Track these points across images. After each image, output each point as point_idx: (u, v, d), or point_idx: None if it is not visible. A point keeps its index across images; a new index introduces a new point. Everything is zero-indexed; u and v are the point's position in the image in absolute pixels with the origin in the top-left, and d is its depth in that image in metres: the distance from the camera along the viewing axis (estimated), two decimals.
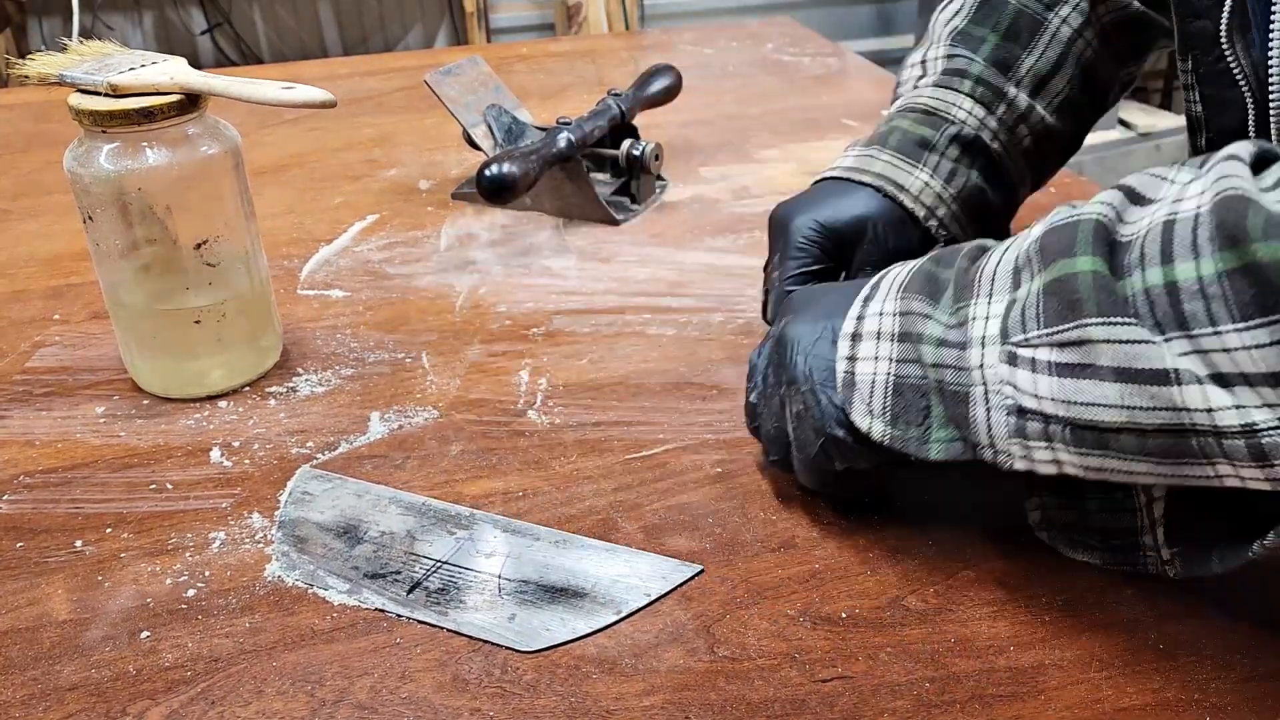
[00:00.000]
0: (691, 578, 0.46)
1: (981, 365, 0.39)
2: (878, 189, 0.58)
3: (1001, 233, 0.62)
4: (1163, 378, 0.34)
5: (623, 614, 0.44)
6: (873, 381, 0.43)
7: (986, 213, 0.61)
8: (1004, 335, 0.39)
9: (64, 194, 0.91)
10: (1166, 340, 0.34)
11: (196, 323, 0.58)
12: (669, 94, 0.89)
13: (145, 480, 0.54)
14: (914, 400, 0.42)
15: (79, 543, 0.49)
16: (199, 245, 0.57)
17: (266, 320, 0.62)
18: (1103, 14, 0.61)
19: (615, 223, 0.82)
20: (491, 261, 0.77)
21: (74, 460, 0.55)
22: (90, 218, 0.56)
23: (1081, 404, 0.36)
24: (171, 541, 0.49)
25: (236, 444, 0.56)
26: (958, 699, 0.40)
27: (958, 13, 0.62)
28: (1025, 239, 0.41)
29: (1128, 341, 0.35)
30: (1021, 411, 0.38)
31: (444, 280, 0.74)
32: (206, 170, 0.56)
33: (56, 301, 0.73)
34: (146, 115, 0.53)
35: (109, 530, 0.50)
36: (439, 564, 0.47)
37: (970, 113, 0.59)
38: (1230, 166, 0.34)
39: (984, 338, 0.39)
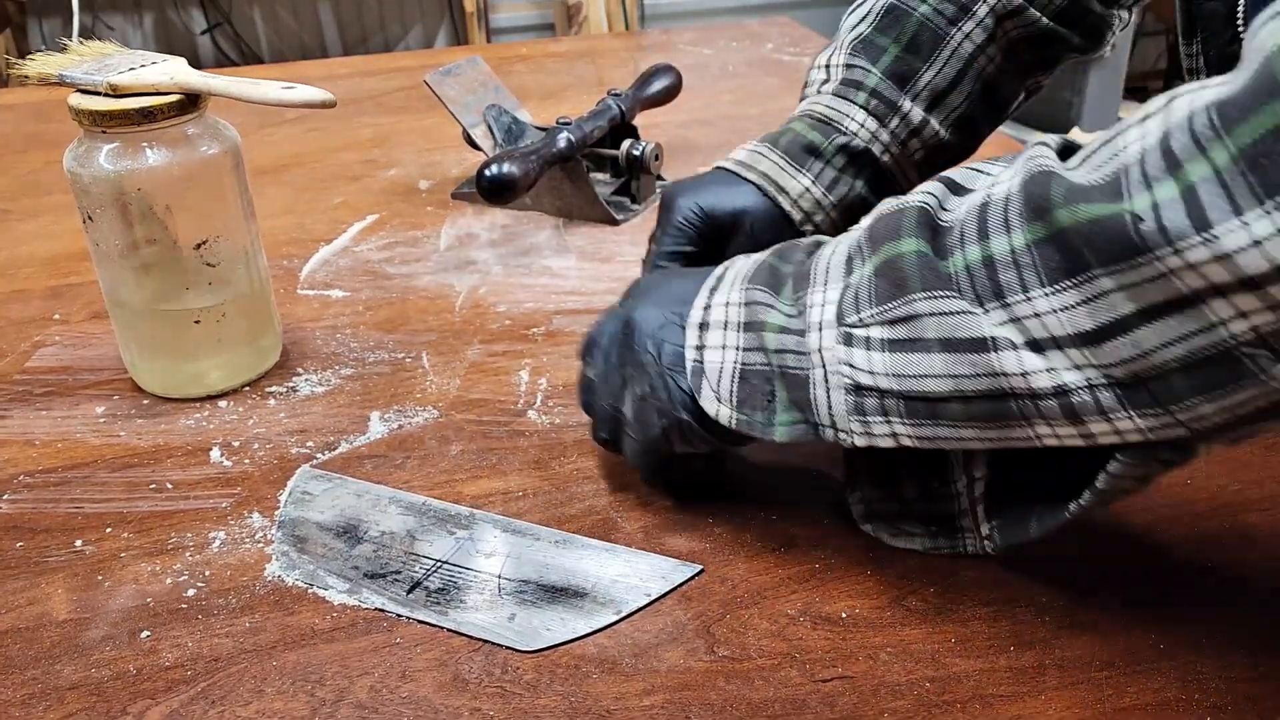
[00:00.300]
0: (691, 577, 0.46)
1: (820, 348, 0.41)
2: (760, 187, 0.59)
3: None
4: (982, 345, 0.36)
5: (623, 614, 0.44)
6: (720, 369, 0.44)
7: None
8: (839, 318, 0.41)
9: (64, 194, 0.91)
10: (985, 311, 0.36)
11: (196, 323, 0.58)
12: (669, 94, 0.89)
13: (145, 480, 0.54)
14: (759, 385, 0.43)
15: (79, 542, 0.49)
16: (199, 245, 0.57)
17: (266, 320, 0.62)
18: (1010, 29, 0.61)
19: (615, 223, 0.82)
20: (491, 261, 0.77)
21: (74, 460, 0.55)
22: (90, 218, 0.56)
23: (912, 376, 0.38)
24: (171, 541, 0.49)
25: (236, 444, 0.56)
26: (958, 699, 0.40)
27: (864, 19, 0.62)
28: (856, 230, 0.43)
29: (950, 314, 0.37)
30: (859, 389, 0.40)
31: (444, 280, 0.74)
32: (206, 170, 0.56)
33: (56, 301, 0.73)
34: (146, 115, 0.53)
35: (109, 530, 0.50)
36: (439, 564, 0.47)
37: (863, 125, 0.60)
38: (1037, 150, 0.37)
39: (821, 322, 0.41)
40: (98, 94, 0.54)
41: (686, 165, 0.93)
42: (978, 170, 0.41)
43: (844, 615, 0.44)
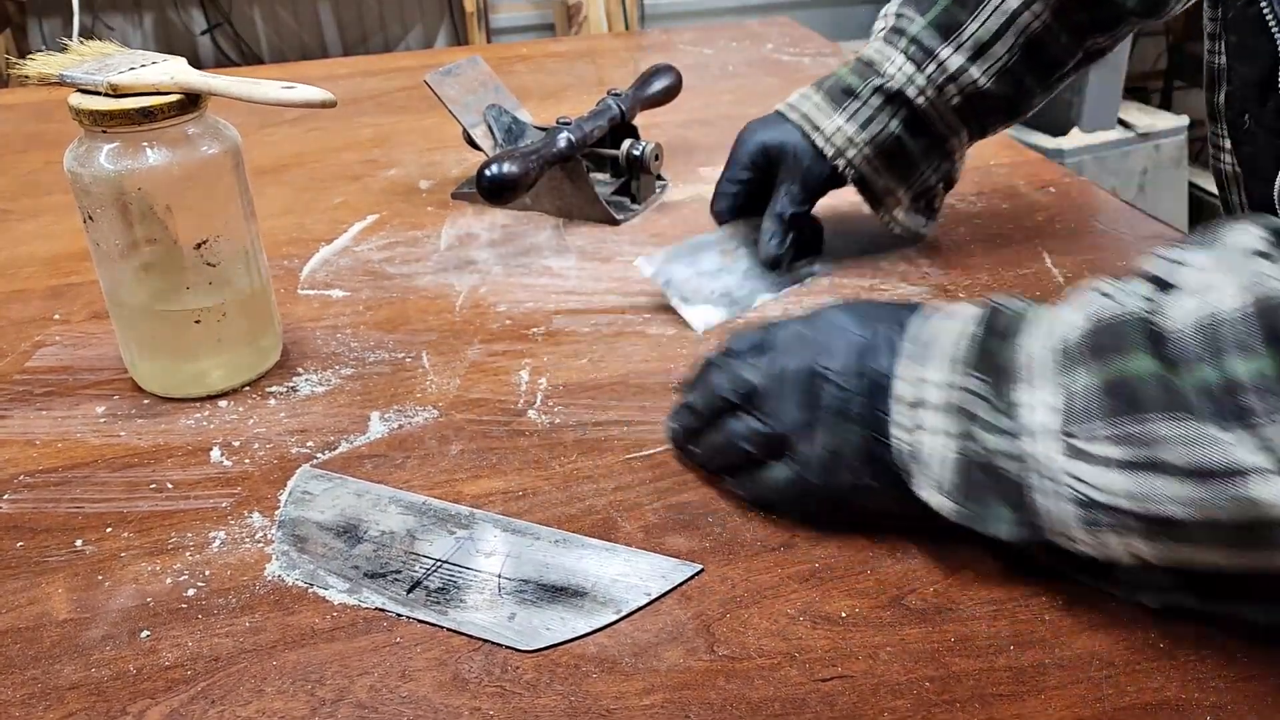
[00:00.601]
0: (691, 577, 0.46)
1: (1040, 455, 0.40)
2: (799, 127, 0.68)
3: (931, 175, 0.70)
4: (1232, 472, 0.35)
5: (623, 613, 0.44)
6: (937, 457, 0.43)
7: (905, 158, 0.68)
8: (1063, 428, 0.39)
9: (64, 194, 0.91)
10: (1231, 436, 0.35)
11: (197, 322, 0.58)
12: (669, 94, 0.89)
13: (145, 480, 0.54)
14: (978, 479, 0.41)
15: (79, 542, 0.49)
16: (199, 245, 0.57)
17: (267, 320, 0.62)
18: None
19: (615, 222, 0.82)
20: (491, 261, 0.77)
21: (74, 460, 0.55)
22: (90, 217, 0.56)
23: (1153, 500, 0.37)
24: (171, 541, 0.49)
25: (237, 443, 0.56)
26: (958, 698, 0.40)
27: None
28: (1058, 323, 0.42)
29: (1193, 439, 0.36)
30: (1090, 504, 0.39)
31: (444, 280, 0.74)
32: (207, 170, 0.56)
33: (56, 301, 0.73)
34: (146, 115, 0.53)
35: (109, 530, 0.50)
36: (439, 563, 0.47)
37: (900, 69, 0.66)
38: (1253, 264, 0.36)
39: (1039, 427, 0.40)
40: (98, 94, 0.54)
41: (686, 165, 0.93)
42: (1175, 261, 0.40)
43: (844, 615, 0.44)
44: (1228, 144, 0.62)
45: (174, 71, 0.55)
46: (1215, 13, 0.57)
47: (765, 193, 0.70)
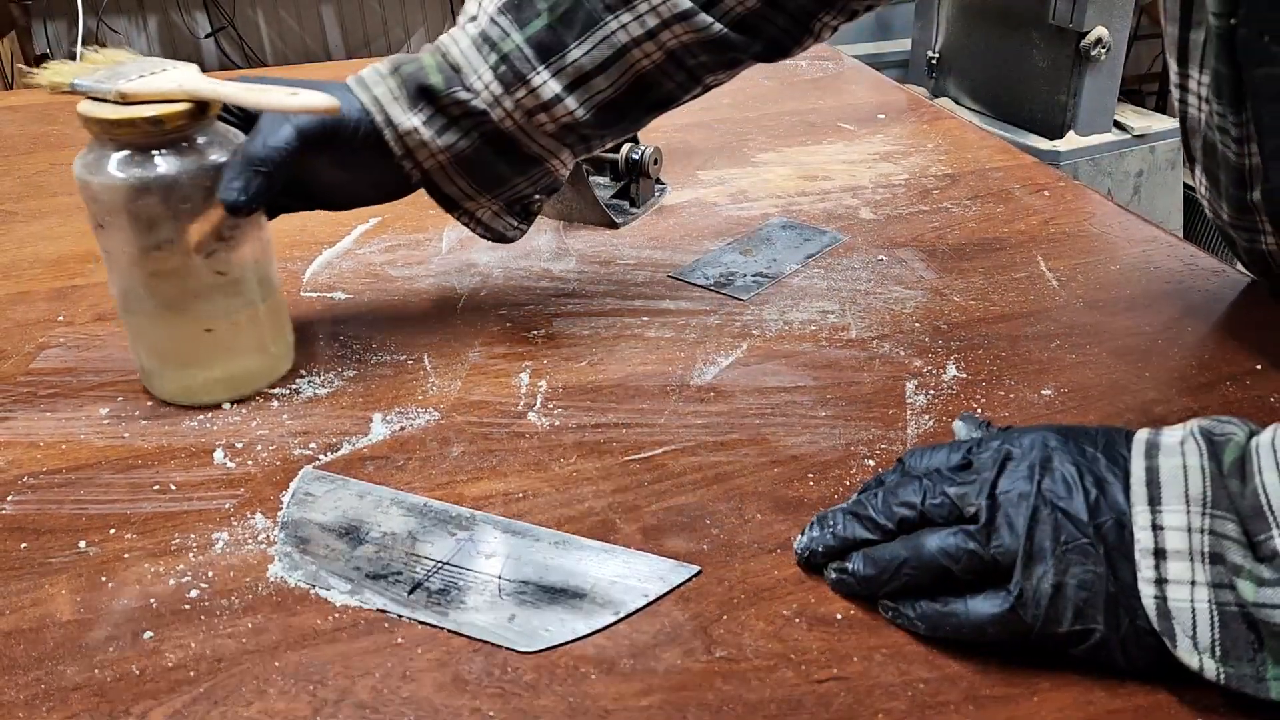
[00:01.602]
0: (689, 579, 0.47)
1: None
2: (370, 113, 0.59)
3: (525, 188, 0.63)
4: None
5: (621, 615, 0.45)
6: (1193, 612, 0.38)
7: (490, 172, 0.61)
8: None
9: (68, 196, 0.91)
10: None
11: (208, 331, 0.58)
12: None
13: (149, 481, 0.54)
14: (1240, 632, 0.38)
15: (83, 543, 0.50)
16: (209, 254, 0.57)
17: (278, 328, 0.62)
18: (678, 33, 0.59)
19: (615, 226, 0.82)
20: (492, 264, 0.77)
21: (78, 461, 0.56)
22: (101, 225, 0.56)
23: None
24: (175, 542, 0.50)
25: (240, 445, 0.57)
26: (952, 700, 0.40)
27: None
28: None
29: None
30: None
31: (445, 282, 0.74)
32: (216, 178, 0.56)
33: (61, 303, 0.73)
34: (155, 123, 0.53)
35: (112, 531, 0.50)
36: (440, 565, 0.48)
37: (488, 87, 0.59)
38: None
39: None
40: (108, 101, 0.54)
41: (685, 169, 0.93)
42: None
43: (839, 617, 0.44)
44: (1269, 228, 0.60)
45: (183, 79, 0.55)
46: (1240, 117, 0.55)
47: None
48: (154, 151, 0.54)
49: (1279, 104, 0.52)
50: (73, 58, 0.58)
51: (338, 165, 0.59)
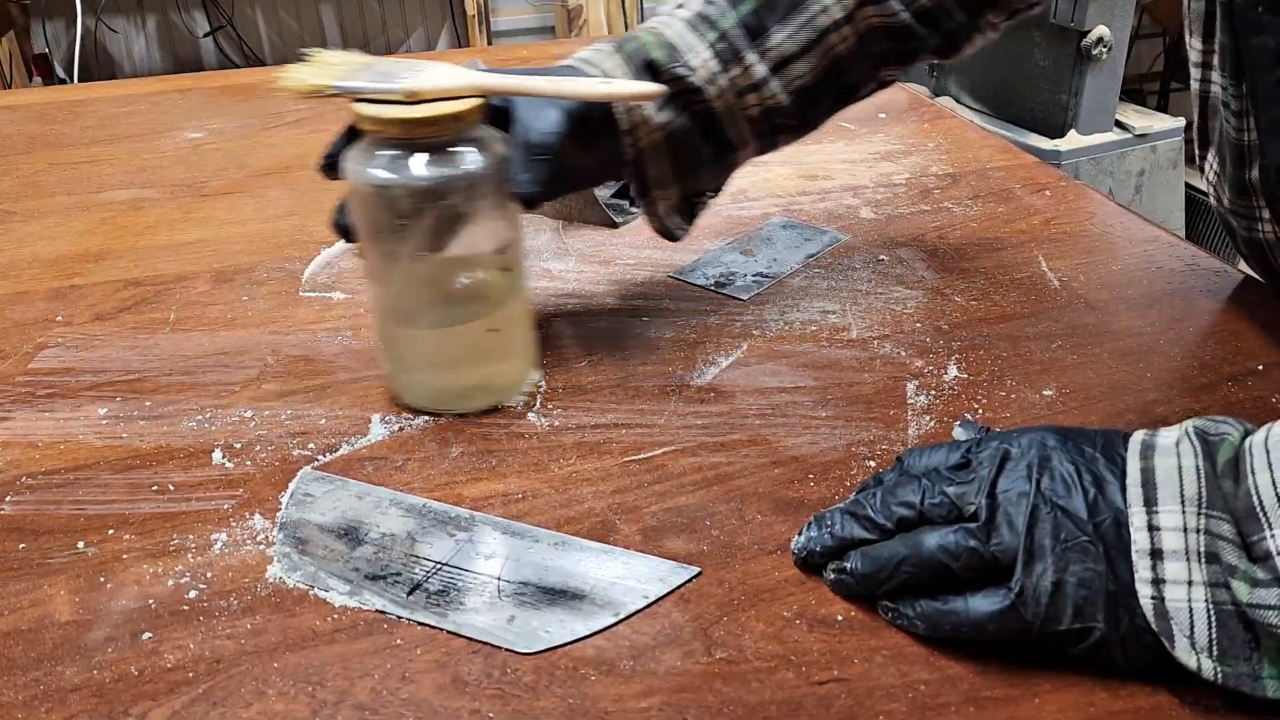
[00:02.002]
0: (689, 580, 0.46)
1: None
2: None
3: (707, 181, 0.63)
4: None
5: (621, 616, 0.45)
6: (1190, 612, 0.39)
7: (692, 156, 0.61)
8: None
9: (67, 195, 0.91)
10: None
11: (493, 331, 0.56)
12: None
13: (147, 481, 0.54)
14: (1237, 631, 0.38)
15: (81, 544, 0.50)
16: (498, 251, 0.55)
17: (531, 326, 0.61)
18: (869, 15, 0.61)
19: (614, 225, 0.82)
20: None
21: (76, 461, 0.56)
22: (389, 230, 0.53)
23: None
24: (173, 543, 0.49)
25: (238, 445, 0.57)
26: (952, 701, 0.40)
27: None
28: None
29: None
30: None
31: None
32: (499, 173, 0.54)
33: (59, 303, 0.73)
34: (457, 119, 0.51)
35: (111, 531, 0.50)
36: (439, 565, 0.48)
37: (705, 63, 0.59)
38: None
39: None
40: (391, 101, 0.51)
41: None
42: None
43: (839, 618, 0.44)
44: (1267, 214, 0.60)
45: (462, 74, 0.53)
46: (1239, 90, 0.55)
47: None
48: (451, 150, 0.52)
49: (1272, 75, 0.52)
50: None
51: (580, 145, 0.58)
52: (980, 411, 0.58)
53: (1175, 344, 0.64)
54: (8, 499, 0.53)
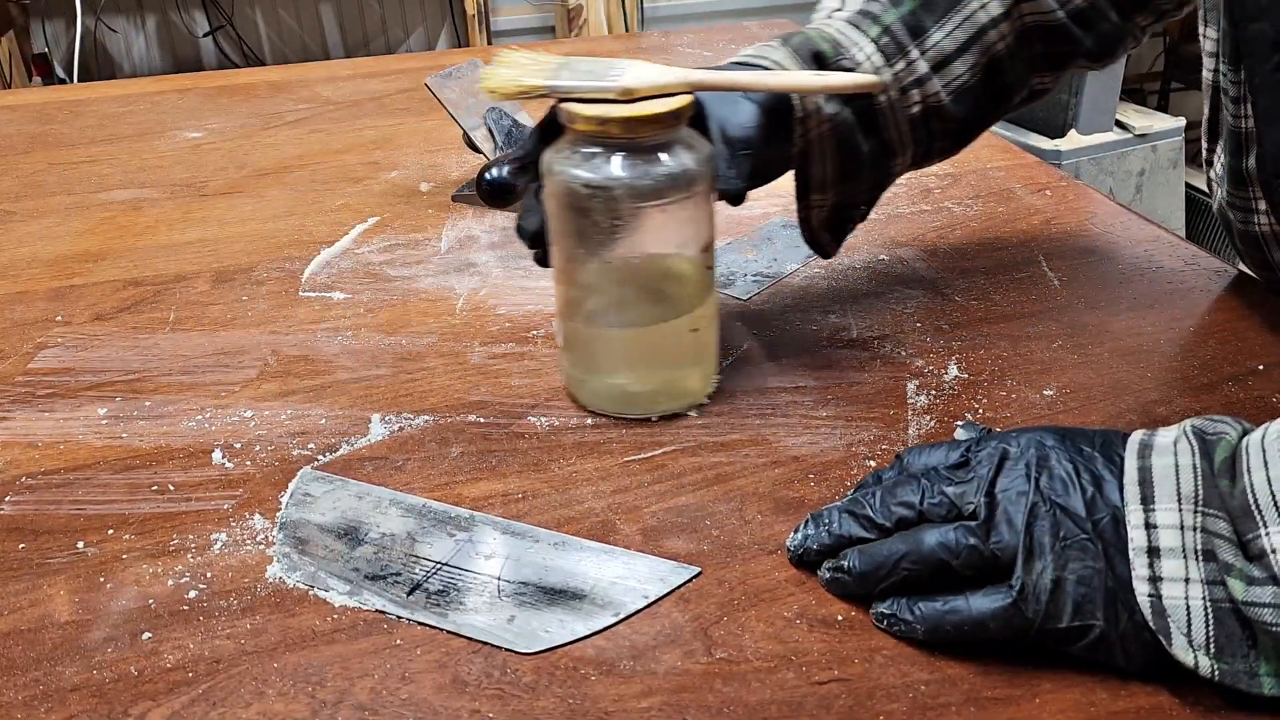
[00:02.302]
0: (689, 580, 0.46)
1: None
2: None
3: (863, 189, 0.62)
4: None
5: (621, 616, 0.45)
6: (1187, 610, 0.39)
7: (853, 154, 0.59)
8: None
9: (66, 195, 0.91)
10: None
11: (694, 331, 0.56)
12: None
13: (147, 481, 0.54)
14: (1234, 629, 0.38)
15: (81, 544, 0.50)
16: (705, 248, 0.54)
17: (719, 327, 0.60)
18: (1026, 13, 0.61)
19: None
20: (492, 264, 0.77)
21: (76, 461, 0.56)
22: (601, 231, 0.52)
23: None
24: (173, 543, 0.49)
25: (238, 445, 0.57)
26: (953, 701, 0.40)
27: None
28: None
29: None
30: None
31: (444, 282, 0.74)
32: (709, 169, 0.54)
33: (59, 303, 0.73)
34: (676, 116, 0.51)
35: (111, 531, 0.50)
36: (439, 565, 0.48)
37: (869, 57, 0.58)
38: None
39: None
40: (605, 101, 0.51)
41: None
42: None
43: (840, 618, 0.44)
44: (1263, 205, 0.60)
45: (666, 70, 0.52)
46: (1238, 76, 0.55)
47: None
48: (674, 144, 0.52)
49: (1269, 62, 0.52)
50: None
51: (766, 139, 0.58)
52: (980, 411, 0.57)
53: (1175, 344, 0.64)
54: (7, 499, 0.53)
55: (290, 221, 0.85)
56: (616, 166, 0.51)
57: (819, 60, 0.58)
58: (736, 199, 0.55)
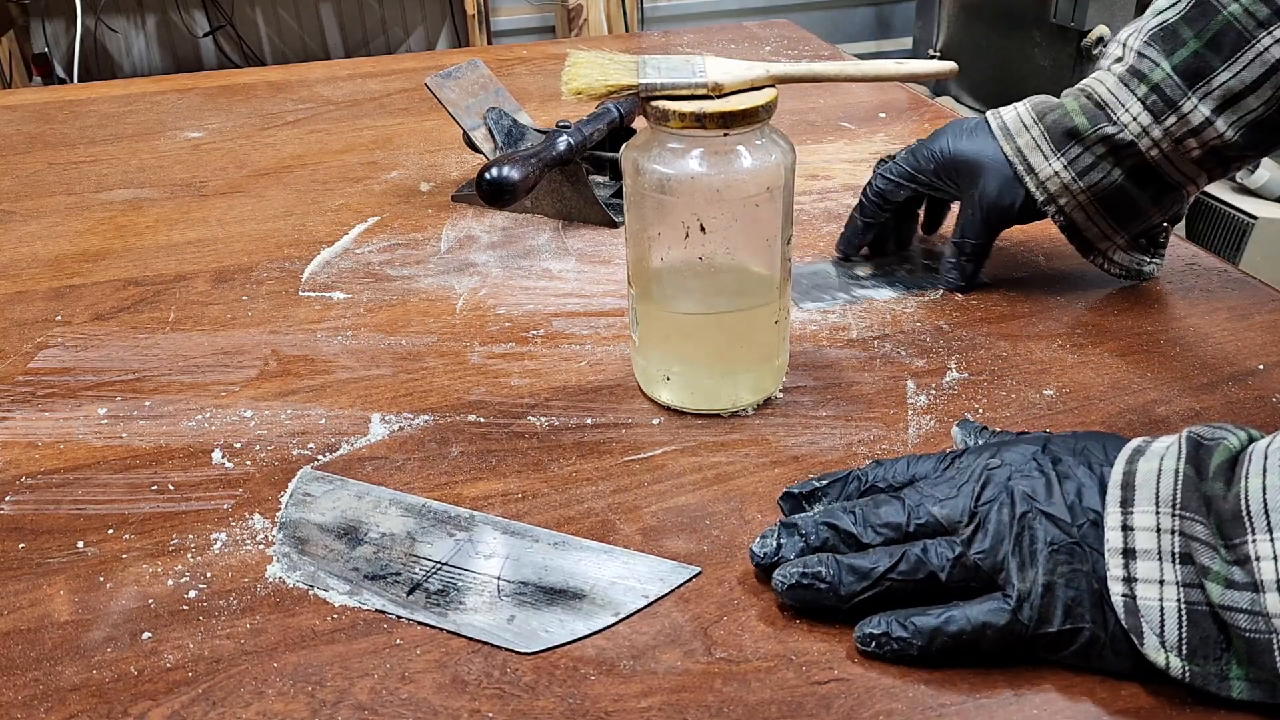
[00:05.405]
0: (689, 580, 0.46)
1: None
2: (1011, 163, 0.65)
3: (1155, 220, 0.66)
4: None
5: (621, 616, 0.45)
6: (1161, 610, 0.39)
7: (1129, 206, 0.65)
8: None
9: (66, 195, 0.91)
10: None
11: (776, 323, 0.56)
12: None
13: (147, 481, 0.54)
14: (1210, 631, 0.38)
15: (80, 544, 0.50)
16: (788, 240, 0.55)
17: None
18: None
19: (615, 225, 0.82)
20: (491, 264, 0.77)
21: (76, 461, 0.56)
22: (703, 228, 0.52)
23: None
24: (173, 543, 0.49)
25: (238, 445, 0.57)
26: (953, 702, 0.40)
27: (1173, 4, 0.61)
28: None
29: None
30: None
31: (444, 282, 0.74)
32: (789, 159, 0.54)
33: (59, 303, 0.73)
34: (769, 110, 0.51)
35: (110, 531, 0.50)
36: (439, 565, 0.48)
37: (1135, 119, 0.62)
38: None
39: (1278, 582, 0.37)
40: (696, 97, 0.51)
41: None
42: None
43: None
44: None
45: (748, 65, 0.52)
46: None
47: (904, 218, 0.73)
48: (760, 140, 0.52)
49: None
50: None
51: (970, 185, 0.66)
52: (980, 411, 0.57)
53: (1175, 343, 0.64)
54: (7, 499, 0.53)
55: (290, 221, 0.85)
56: (705, 162, 0.52)
57: (1072, 135, 0.63)
58: (963, 289, 0.65)
